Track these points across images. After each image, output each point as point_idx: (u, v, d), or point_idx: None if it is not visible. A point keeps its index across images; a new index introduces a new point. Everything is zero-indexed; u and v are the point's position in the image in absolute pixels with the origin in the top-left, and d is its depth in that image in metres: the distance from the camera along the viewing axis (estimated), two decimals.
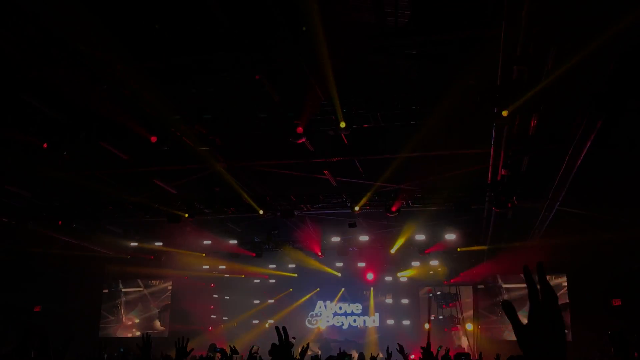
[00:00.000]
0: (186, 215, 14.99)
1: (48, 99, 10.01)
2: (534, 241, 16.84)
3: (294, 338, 7.43)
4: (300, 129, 9.70)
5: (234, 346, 8.31)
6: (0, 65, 8.73)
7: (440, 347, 12.56)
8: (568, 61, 7.36)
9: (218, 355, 7.13)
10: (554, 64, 7.65)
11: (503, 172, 11.56)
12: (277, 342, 2.82)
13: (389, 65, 9.61)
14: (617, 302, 18.18)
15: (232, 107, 10.28)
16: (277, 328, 2.83)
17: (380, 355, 14.75)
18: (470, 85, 9.06)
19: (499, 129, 9.60)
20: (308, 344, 6.48)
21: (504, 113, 8.56)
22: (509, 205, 12.43)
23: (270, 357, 2.90)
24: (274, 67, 8.75)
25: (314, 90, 9.47)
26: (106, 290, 25.19)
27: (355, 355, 9.38)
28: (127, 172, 13.14)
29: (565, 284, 21.05)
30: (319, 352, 18.11)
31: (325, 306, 25.78)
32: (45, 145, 10.59)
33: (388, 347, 8.24)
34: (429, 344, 6.45)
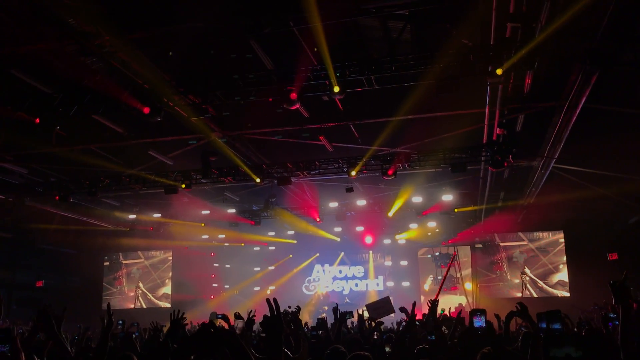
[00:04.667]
0: (183, 185, 14.95)
1: (38, 74, 9.92)
2: (531, 199, 16.93)
3: (298, 307, 7.49)
4: (294, 95, 9.61)
5: (238, 313, 8.38)
6: None
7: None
8: (561, 17, 7.29)
9: (219, 321, 7.08)
10: (547, 20, 7.57)
11: (499, 131, 11.55)
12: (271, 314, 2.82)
13: (381, 28, 9.51)
14: (613, 257, 18.37)
15: (224, 76, 10.18)
16: (267, 300, 2.82)
17: None
18: (464, 44, 8.99)
19: (494, 87, 9.56)
20: (298, 307, 6.50)
21: (499, 71, 8.51)
22: (505, 164, 12.43)
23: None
24: (265, 33, 8.62)
25: (306, 55, 9.37)
26: (107, 263, 25.42)
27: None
28: (121, 144, 13.10)
29: (563, 240, 21.31)
30: (324, 314, 18.29)
31: (323, 270, 25.97)
32: (37, 121, 10.52)
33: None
34: (436, 300, 6.47)
